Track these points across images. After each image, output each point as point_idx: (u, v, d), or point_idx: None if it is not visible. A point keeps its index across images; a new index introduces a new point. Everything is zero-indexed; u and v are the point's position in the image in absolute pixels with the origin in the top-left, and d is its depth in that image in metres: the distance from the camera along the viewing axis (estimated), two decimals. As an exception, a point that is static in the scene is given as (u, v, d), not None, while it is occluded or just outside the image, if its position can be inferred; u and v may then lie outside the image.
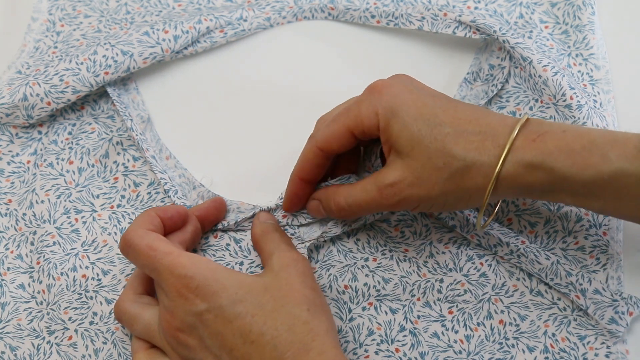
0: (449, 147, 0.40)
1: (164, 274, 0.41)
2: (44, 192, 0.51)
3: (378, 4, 0.57)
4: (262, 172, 0.52)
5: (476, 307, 0.47)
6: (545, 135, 0.40)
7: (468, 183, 0.41)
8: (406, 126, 0.41)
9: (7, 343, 0.47)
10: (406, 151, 0.41)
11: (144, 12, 0.58)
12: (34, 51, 0.56)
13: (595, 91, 0.52)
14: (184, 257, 0.41)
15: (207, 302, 0.40)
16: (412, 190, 0.41)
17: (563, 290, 0.46)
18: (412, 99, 0.42)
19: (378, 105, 0.42)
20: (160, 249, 0.41)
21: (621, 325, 0.45)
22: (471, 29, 0.53)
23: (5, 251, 0.50)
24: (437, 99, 0.43)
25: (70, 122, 0.53)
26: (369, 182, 0.43)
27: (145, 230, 0.43)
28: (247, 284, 0.41)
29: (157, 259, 0.41)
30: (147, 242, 0.42)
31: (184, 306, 0.40)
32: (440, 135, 0.41)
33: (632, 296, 0.45)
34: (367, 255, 0.48)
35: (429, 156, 0.41)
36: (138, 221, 0.44)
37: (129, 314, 0.43)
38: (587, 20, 0.54)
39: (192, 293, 0.40)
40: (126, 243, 0.43)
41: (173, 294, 0.40)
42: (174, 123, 0.55)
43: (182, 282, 0.40)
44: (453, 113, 0.41)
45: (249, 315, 0.39)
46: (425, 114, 0.41)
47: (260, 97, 0.55)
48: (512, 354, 0.45)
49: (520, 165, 0.40)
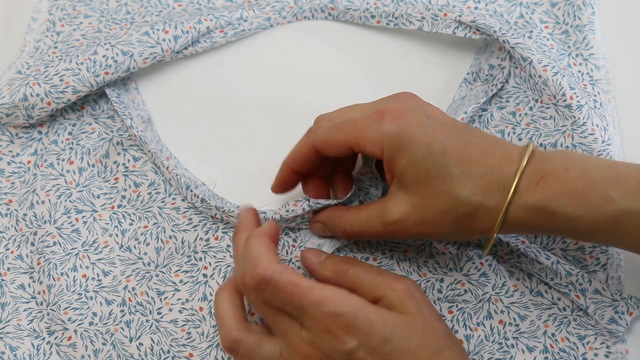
0: (455, 191, 0.40)
1: (310, 310, 0.39)
2: (44, 192, 0.51)
3: (378, 4, 0.57)
4: (262, 172, 0.52)
5: (476, 307, 0.47)
6: (548, 177, 0.40)
7: (473, 225, 0.41)
8: (414, 164, 0.40)
9: (7, 343, 0.47)
10: (411, 188, 0.41)
11: (144, 12, 0.58)
12: (34, 51, 0.56)
13: (595, 91, 0.52)
14: (328, 292, 0.40)
15: (358, 340, 0.39)
16: (416, 229, 0.41)
17: (563, 290, 0.46)
18: (422, 133, 0.41)
19: (385, 136, 0.41)
20: (303, 285, 0.40)
21: (621, 325, 0.45)
22: (471, 29, 0.53)
23: (5, 251, 0.50)
24: (446, 130, 0.41)
25: (70, 122, 0.53)
26: (374, 214, 0.43)
27: (281, 265, 0.41)
28: (391, 321, 0.40)
29: (302, 296, 0.39)
30: (287, 277, 0.40)
31: (331, 343, 0.39)
32: (447, 177, 0.40)
33: (632, 296, 0.45)
34: (368, 255, 0.48)
35: (435, 197, 0.40)
36: (263, 253, 0.41)
37: (247, 344, 0.42)
38: (587, 20, 0.53)
39: (343, 330, 0.39)
40: (264, 280, 0.40)
41: (318, 330, 0.39)
42: (174, 123, 0.55)
43: (331, 320, 0.39)
44: (461, 150, 0.41)
45: (398, 353, 0.39)
46: (434, 152, 0.40)
47: (260, 97, 0.55)
48: (512, 354, 0.45)
49: (524, 209, 0.40)
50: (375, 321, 0.39)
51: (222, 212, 0.49)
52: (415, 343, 0.39)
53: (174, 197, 0.51)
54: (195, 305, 0.48)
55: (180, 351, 0.47)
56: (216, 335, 0.47)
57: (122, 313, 0.48)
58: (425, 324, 0.40)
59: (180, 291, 0.48)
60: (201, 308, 0.48)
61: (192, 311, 0.48)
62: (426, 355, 0.39)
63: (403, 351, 0.39)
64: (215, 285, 0.48)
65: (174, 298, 0.48)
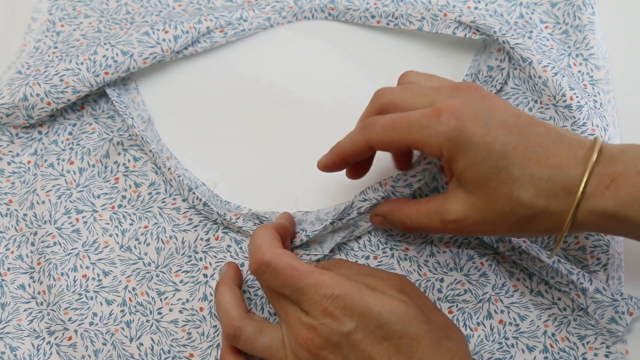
0: (516, 194, 0.39)
1: (308, 292, 0.40)
2: (44, 192, 0.51)
3: (378, 4, 0.57)
4: (262, 172, 0.52)
5: (476, 307, 0.47)
6: (619, 180, 0.38)
7: (535, 228, 0.40)
8: (472, 166, 0.39)
9: (7, 343, 0.47)
10: (471, 189, 0.40)
11: (144, 12, 0.58)
12: (34, 51, 0.56)
13: (595, 91, 0.52)
14: (327, 276, 0.40)
15: (356, 321, 0.39)
16: (475, 228, 0.41)
17: (563, 289, 0.46)
18: (482, 134, 0.39)
19: (442, 137, 0.39)
20: (302, 268, 0.40)
21: (621, 325, 0.45)
22: (471, 30, 0.53)
23: (5, 252, 0.50)
24: (507, 130, 0.39)
25: (70, 122, 0.53)
26: (432, 210, 0.42)
27: (281, 249, 0.41)
28: (389, 304, 0.39)
29: (301, 279, 0.40)
30: (286, 261, 0.40)
31: (330, 325, 0.39)
32: (508, 180, 0.39)
33: (632, 296, 0.45)
34: (368, 254, 0.48)
35: (496, 199, 0.39)
36: (266, 239, 0.42)
37: (247, 333, 0.42)
38: (587, 20, 0.53)
39: (340, 312, 0.39)
40: (264, 263, 0.41)
41: (317, 312, 0.39)
42: (174, 123, 0.55)
43: (329, 301, 0.39)
44: (523, 151, 0.39)
45: (396, 337, 0.39)
46: (494, 154, 0.39)
47: (260, 97, 0.55)
48: (512, 353, 0.45)
49: (592, 214, 0.38)
50: (372, 303, 0.39)
51: (222, 218, 0.49)
52: (414, 330, 0.39)
53: (175, 197, 0.51)
54: (195, 306, 0.48)
55: (180, 351, 0.47)
56: (217, 335, 0.47)
57: (123, 313, 0.48)
58: (422, 313, 0.40)
59: (180, 291, 0.48)
60: (201, 308, 0.48)
61: (192, 311, 0.48)
62: (426, 343, 0.39)
63: (401, 335, 0.39)
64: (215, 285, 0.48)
65: (174, 298, 0.48)
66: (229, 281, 0.45)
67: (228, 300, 0.44)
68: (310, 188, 0.52)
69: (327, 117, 0.54)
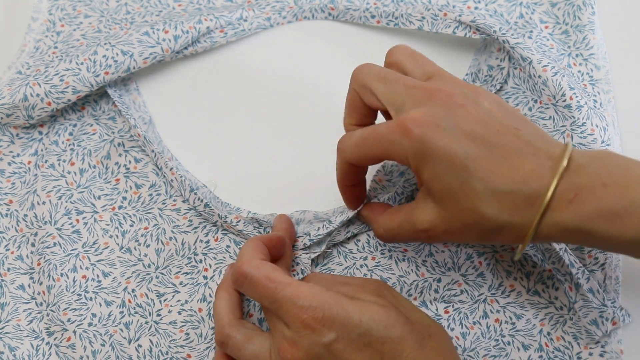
0: (479, 208, 0.38)
1: (286, 305, 0.40)
2: (45, 193, 0.51)
3: (378, 4, 0.56)
4: (263, 173, 0.53)
5: (472, 307, 0.47)
6: (583, 194, 0.37)
7: (500, 238, 0.40)
8: (437, 177, 0.39)
9: (6, 343, 0.47)
10: (437, 199, 0.40)
11: (144, 12, 0.58)
12: (34, 51, 0.56)
13: (595, 91, 0.52)
14: (304, 287, 0.40)
15: (336, 332, 0.39)
16: (445, 237, 0.41)
17: (559, 277, 0.45)
18: (444, 145, 0.39)
19: (408, 151, 0.40)
20: (279, 280, 0.40)
21: (600, 330, 0.45)
22: (471, 29, 0.53)
23: (5, 252, 0.50)
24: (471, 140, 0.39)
25: (71, 123, 0.53)
26: (405, 220, 0.42)
27: (260, 261, 0.42)
28: (369, 311, 0.40)
29: (277, 290, 0.40)
30: (264, 273, 0.41)
31: (309, 337, 0.39)
32: (470, 193, 0.38)
33: (622, 307, 0.45)
34: (366, 255, 0.48)
35: (460, 211, 0.39)
36: (248, 251, 0.43)
37: (236, 340, 0.42)
38: (587, 20, 0.53)
39: (319, 323, 0.39)
40: (241, 275, 0.41)
41: (297, 325, 0.39)
42: (174, 124, 0.55)
43: (307, 313, 0.39)
44: (486, 163, 0.38)
45: (379, 343, 0.39)
46: (457, 166, 0.38)
47: (261, 97, 0.55)
48: (507, 351, 0.46)
49: (556, 227, 0.38)
50: (352, 312, 0.39)
51: (223, 221, 0.49)
52: (397, 334, 0.39)
53: (175, 198, 0.51)
54: (194, 306, 0.48)
55: (178, 352, 0.47)
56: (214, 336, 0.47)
57: (122, 314, 0.48)
58: (402, 315, 0.40)
59: (180, 293, 0.48)
60: (200, 309, 0.48)
61: (191, 312, 0.48)
62: (410, 345, 0.39)
63: (384, 341, 0.39)
64: (215, 287, 0.48)
65: (174, 300, 0.48)
66: (228, 285, 0.45)
67: (223, 306, 0.44)
68: (310, 189, 0.52)
69: (327, 118, 0.53)
